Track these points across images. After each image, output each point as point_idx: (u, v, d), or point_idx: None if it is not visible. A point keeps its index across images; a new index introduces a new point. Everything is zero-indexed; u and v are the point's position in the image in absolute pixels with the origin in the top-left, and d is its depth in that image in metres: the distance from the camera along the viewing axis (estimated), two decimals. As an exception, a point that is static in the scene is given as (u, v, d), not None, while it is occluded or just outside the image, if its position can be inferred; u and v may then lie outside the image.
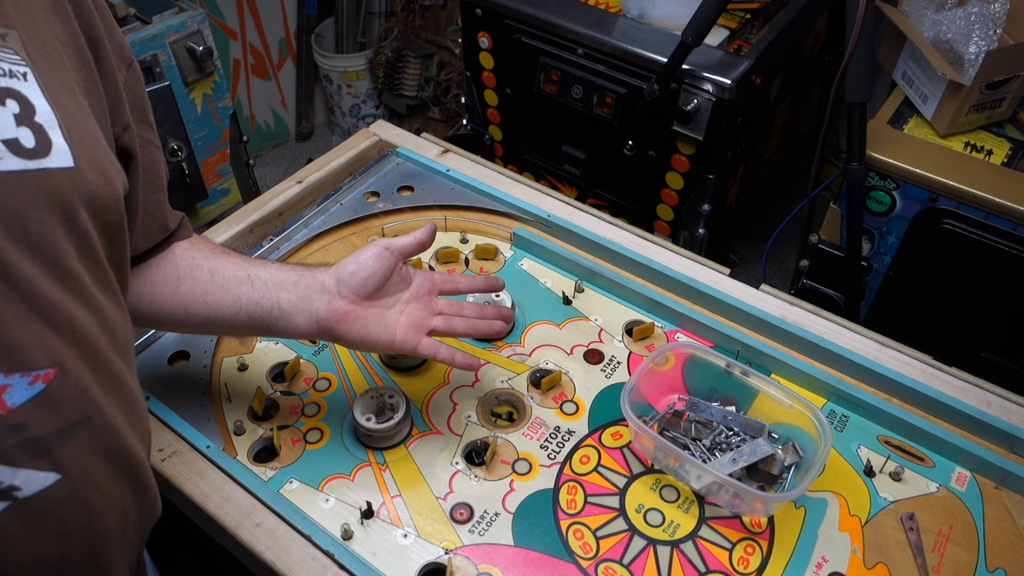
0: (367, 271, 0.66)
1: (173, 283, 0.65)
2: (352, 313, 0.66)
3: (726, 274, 0.89)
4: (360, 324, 0.66)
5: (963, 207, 1.16)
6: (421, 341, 0.68)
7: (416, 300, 0.70)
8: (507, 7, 1.50)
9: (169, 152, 1.38)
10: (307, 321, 0.66)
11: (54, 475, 0.42)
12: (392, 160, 1.08)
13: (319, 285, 0.66)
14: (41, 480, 0.42)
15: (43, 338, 0.42)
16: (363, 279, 0.66)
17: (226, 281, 0.66)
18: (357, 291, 0.66)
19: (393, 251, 0.68)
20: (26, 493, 0.41)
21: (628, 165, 1.53)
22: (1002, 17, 1.17)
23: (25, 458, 0.41)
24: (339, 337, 0.67)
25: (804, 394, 0.79)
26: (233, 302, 0.66)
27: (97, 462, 0.46)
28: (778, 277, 2.02)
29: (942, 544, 0.68)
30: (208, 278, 0.66)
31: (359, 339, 0.67)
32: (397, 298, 0.69)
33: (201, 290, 0.66)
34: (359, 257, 0.67)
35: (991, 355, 1.29)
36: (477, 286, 0.75)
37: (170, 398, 0.77)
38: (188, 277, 0.66)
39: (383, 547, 0.67)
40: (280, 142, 2.61)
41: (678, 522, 0.69)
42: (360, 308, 0.67)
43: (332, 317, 0.66)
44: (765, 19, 1.47)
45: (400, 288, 0.70)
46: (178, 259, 0.67)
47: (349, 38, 2.39)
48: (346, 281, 0.66)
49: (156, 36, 1.31)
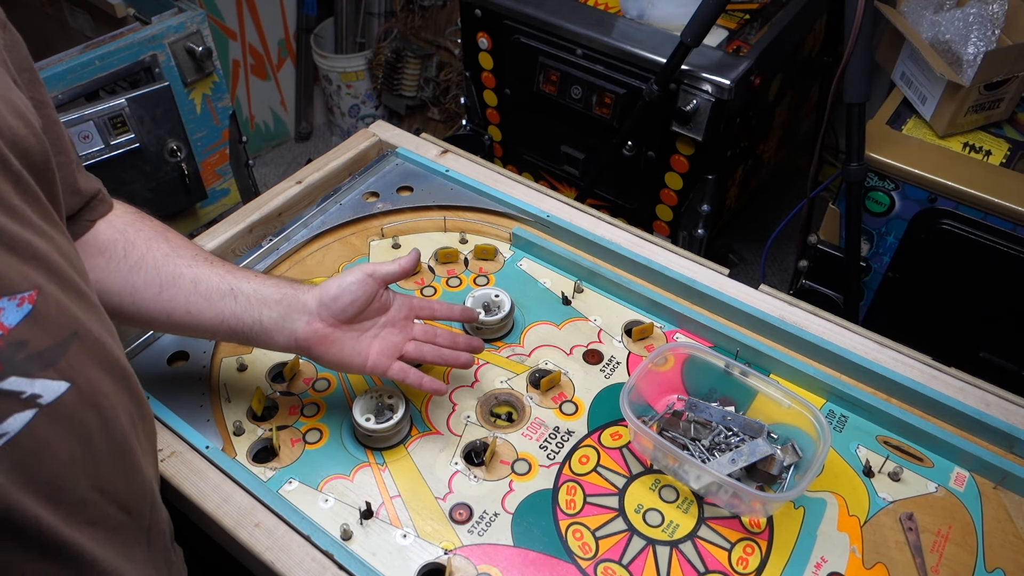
0: (349, 297, 0.69)
1: (155, 289, 0.67)
2: (330, 336, 0.69)
3: (725, 274, 0.89)
4: (336, 347, 0.70)
5: (962, 207, 1.16)
6: (392, 366, 0.71)
7: (392, 325, 0.73)
8: (506, 8, 1.50)
9: (168, 152, 1.38)
10: (286, 339, 0.69)
11: (64, 383, 0.45)
12: (391, 160, 1.08)
13: (300, 305, 0.69)
14: (55, 388, 0.45)
15: (16, 266, 0.45)
16: (344, 305, 0.69)
17: (209, 293, 0.67)
18: (337, 316, 0.69)
19: (376, 278, 0.71)
20: (47, 400, 0.44)
21: (627, 165, 1.53)
22: (1000, 18, 1.17)
23: (36, 369, 0.44)
24: (315, 357, 0.70)
25: (803, 394, 0.79)
26: (215, 315, 0.67)
27: (96, 371, 0.49)
28: (777, 277, 2.02)
29: (941, 544, 0.68)
30: (191, 288, 0.67)
31: (334, 361, 0.70)
32: (374, 322, 0.72)
33: (184, 300, 0.67)
34: (343, 282, 0.69)
35: (990, 355, 1.29)
36: (453, 315, 0.78)
37: (169, 398, 0.77)
38: (170, 285, 0.67)
39: (382, 547, 0.67)
40: (279, 142, 2.61)
41: (677, 522, 0.69)
42: (338, 332, 0.70)
43: (311, 339, 0.68)
44: (764, 20, 1.47)
45: (378, 313, 0.72)
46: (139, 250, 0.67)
47: (348, 38, 2.39)
48: (328, 305, 0.69)
49: (155, 36, 1.31)
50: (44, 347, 0.45)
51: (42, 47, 1.68)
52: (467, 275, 0.93)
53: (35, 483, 0.45)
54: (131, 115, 1.28)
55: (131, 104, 1.27)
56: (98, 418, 0.49)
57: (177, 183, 1.43)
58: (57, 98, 1.24)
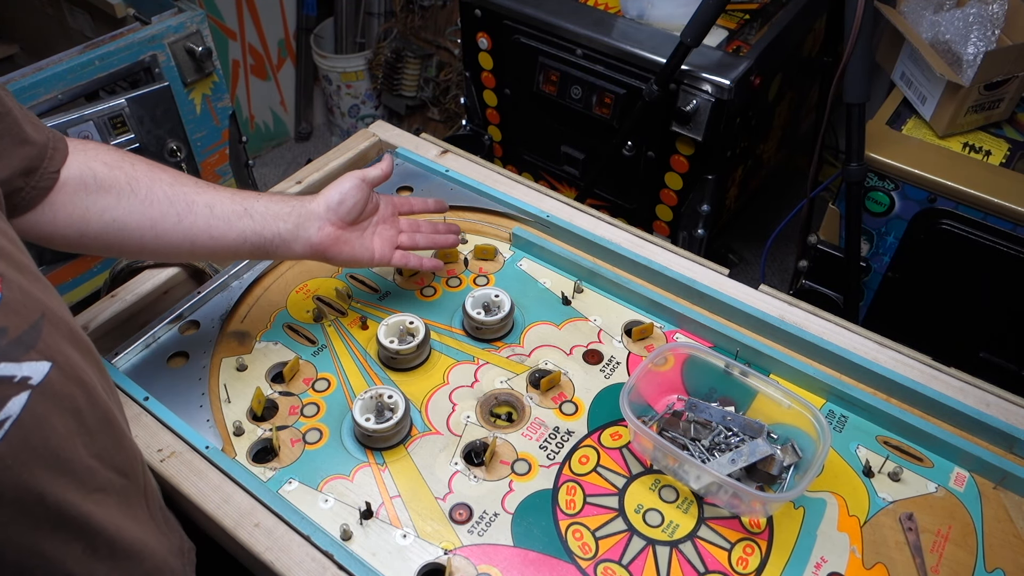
0: (352, 200, 0.78)
1: (174, 219, 0.70)
2: (341, 237, 0.78)
3: (725, 274, 0.89)
4: (348, 247, 0.79)
5: (961, 207, 1.16)
6: (394, 255, 0.83)
7: (384, 222, 0.84)
8: (506, 8, 1.50)
9: (168, 152, 1.38)
10: (303, 246, 0.76)
11: (46, 363, 0.47)
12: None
13: (310, 213, 0.76)
14: (41, 368, 0.47)
15: None
16: (349, 207, 0.78)
17: (226, 215, 0.72)
18: (343, 218, 0.78)
19: (367, 182, 0.80)
20: (36, 380, 0.46)
21: (627, 166, 1.53)
22: (1000, 18, 1.17)
23: (20, 353, 0.46)
24: (330, 258, 0.79)
25: (803, 394, 0.79)
26: (238, 235, 0.73)
27: (67, 347, 0.51)
28: (777, 277, 2.02)
29: (941, 544, 0.68)
30: (208, 213, 0.71)
31: (347, 259, 0.79)
32: (369, 221, 0.82)
33: (204, 224, 0.71)
34: (342, 188, 0.78)
35: (990, 355, 1.29)
36: (428, 207, 0.89)
37: (169, 399, 0.77)
38: (188, 213, 0.71)
39: (382, 547, 0.67)
40: (279, 143, 2.61)
41: (677, 522, 0.69)
42: (346, 232, 0.79)
43: (325, 241, 0.77)
44: (764, 20, 1.47)
45: (371, 213, 0.82)
46: (144, 184, 0.69)
47: (348, 38, 2.39)
48: (335, 210, 0.77)
49: (155, 36, 1.31)
50: (21, 331, 0.47)
51: (42, 47, 1.68)
52: (467, 275, 0.93)
53: (44, 459, 0.47)
54: (131, 115, 1.28)
55: (131, 104, 1.27)
56: (82, 391, 0.51)
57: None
58: (57, 98, 1.24)
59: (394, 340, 0.81)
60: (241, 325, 0.87)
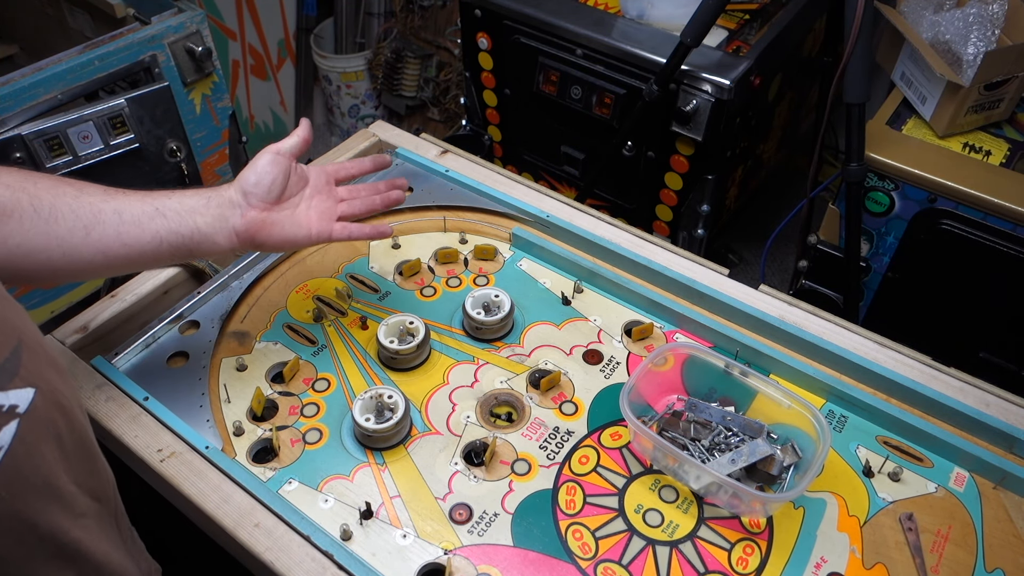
0: (269, 177, 0.71)
1: (81, 233, 0.65)
2: (268, 219, 0.72)
3: (725, 274, 0.89)
4: (278, 228, 0.72)
5: (961, 208, 1.16)
6: (334, 228, 0.76)
7: (318, 193, 0.77)
8: (506, 8, 1.50)
9: (168, 153, 1.38)
10: (227, 238, 0.70)
11: (30, 389, 0.46)
12: (391, 160, 1.08)
13: (227, 201, 0.71)
14: (26, 396, 0.46)
15: None
16: (267, 186, 0.71)
17: (137, 219, 0.67)
18: (264, 198, 0.71)
19: (284, 154, 0.73)
20: (23, 408, 0.45)
21: (627, 166, 1.53)
22: (1000, 18, 1.17)
23: (6, 381, 0.45)
24: (260, 244, 0.72)
25: (803, 394, 0.79)
26: (152, 237, 0.67)
27: (48, 371, 0.49)
28: (777, 277, 2.02)
29: (940, 544, 0.68)
30: (117, 220, 0.66)
31: (279, 242, 0.73)
32: (301, 196, 0.75)
33: (114, 233, 0.66)
34: (256, 167, 0.72)
35: (990, 355, 1.29)
36: (364, 167, 0.83)
37: (169, 399, 0.77)
38: (96, 224, 0.65)
39: (382, 548, 0.67)
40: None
41: (677, 522, 0.69)
42: (273, 214, 0.72)
43: (251, 228, 0.71)
44: (764, 20, 1.47)
45: (300, 187, 0.75)
46: (46, 201, 0.64)
47: (348, 39, 2.39)
48: (253, 192, 0.71)
49: (155, 36, 1.31)
50: (3, 359, 0.45)
51: (42, 47, 1.68)
52: (467, 275, 0.93)
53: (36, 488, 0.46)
54: (131, 115, 1.28)
55: (131, 104, 1.27)
56: (62, 416, 0.50)
57: (177, 183, 1.43)
58: (57, 98, 1.24)
59: (394, 340, 0.81)
60: (241, 325, 0.87)
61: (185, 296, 0.88)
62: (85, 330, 0.83)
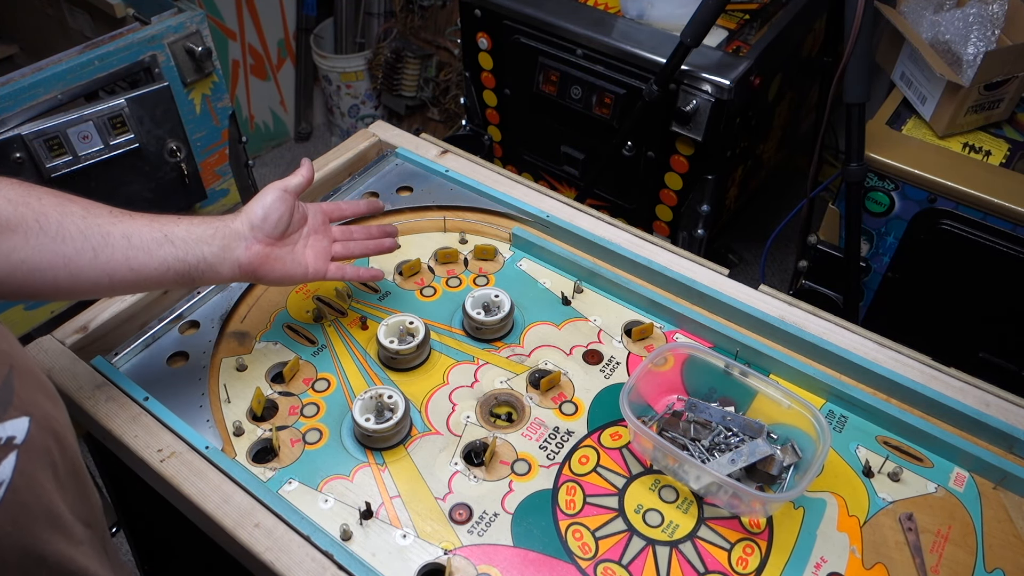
0: (276, 214, 0.74)
1: (89, 254, 0.65)
2: (270, 255, 0.74)
3: (725, 275, 0.89)
4: (279, 264, 0.75)
5: (961, 208, 1.16)
6: (329, 268, 0.79)
7: (316, 232, 0.80)
8: (506, 8, 1.50)
9: (168, 152, 1.38)
10: (230, 269, 0.72)
11: (25, 418, 0.46)
12: (391, 161, 1.08)
13: (234, 233, 0.72)
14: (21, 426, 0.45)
15: None
16: (274, 222, 0.74)
17: (145, 245, 0.68)
18: (269, 234, 0.74)
19: (290, 192, 0.76)
20: (20, 439, 0.45)
21: (627, 166, 1.53)
22: (1000, 18, 1.17)
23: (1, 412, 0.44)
24: (260, 277, 0.75)
25: (803, 394, 0.79)
26: (159, 264, 0.68)
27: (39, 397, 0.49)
28: (777, 278, 2.02)
29: (940, 544, 0.68)
30: (125, 244, 0.67)
31: (279, 277, 0.76)
32: (300, 233, 0.78)
33: (123, 256, 0.66)
34: (264, 202, 0.74)
35: (990, 355, 1.29)
36: (360, 209, 0.87)
37: (169, 399, 0.77)
38: (104, 246, 0.66)
39: (382, 548, 0.67)
40: (279, 143, 2.61)
41: (677, 522, 0.69)
42: (275, 249, 0.75)
43: (254, 261, 0.73)
44: (764, 20, 1.47)
45: (300, 225, 0.78)
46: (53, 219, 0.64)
47: (348, 39, 2.39)
48: (260, 227, 0.73)
49: (155, 37, 1.31)
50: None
51: (42, 47, 1.68)
52: (467, 275, 0.93)
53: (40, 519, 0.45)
54: (131, 115, 1.28)
55: (131, 104, 1.27)
56: (55, 443, 0.49)
57: (176, 183, 1.43)
58: (57, 98, 1.24)
59: (394, 340, 0.81)
60: (241, 325, 0.87)
61: (185, 296, 0.88)
62: (85, 330, 0.83)
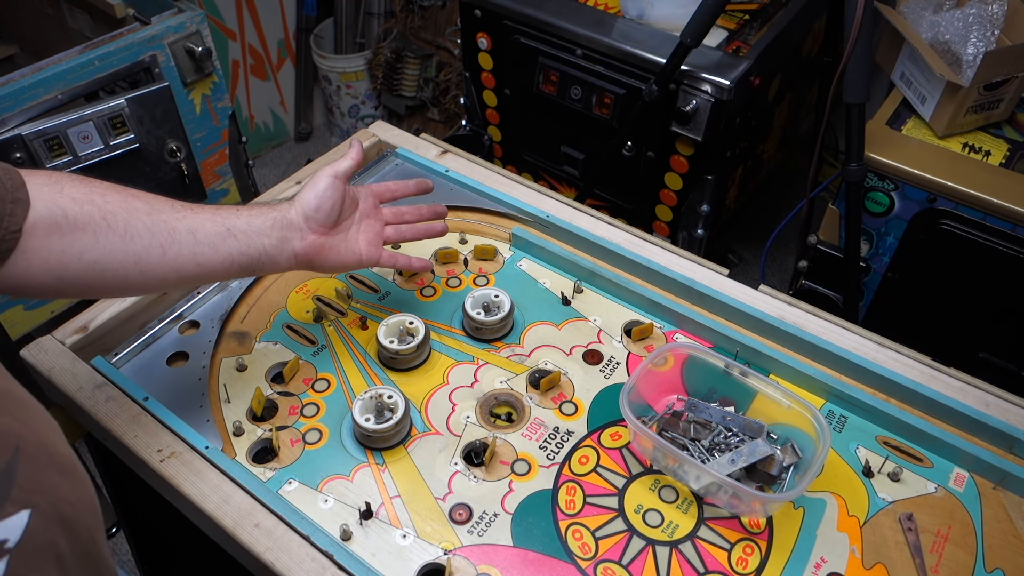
0: (329, 203, 0.74)
1: (158, 252, 0.66)
2: (325, 244, 0.75)
3: (725, 275, 0.89)
4: (333, 252, 0.76)
5: (961, 208, 1.16)
6: (382, 255, 0.80)
7: (367, 217, 0.80)
8: (506, 8, 1.50)
9: (168, 153, 1.38)
10: (287, 259, 0.74)
11: (24, 511, 0.40)
12: (391, 161, 1.08)
13: (290, 224, 0.73)
14: (18, 524, 0.40)
15: None
16: (327, 211, 0.74)
17: (210, 240, 0.69)
18: (324, 223, 0.74)
19: (340, 177, 0.76)
20: (13, 542, 0.40)
21: (627, 166, 1.53)
22: (1000, 18, 1.17)
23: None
24: (316, 266, 0.76)
25: (803, 394, 0.79)
26: (224, 258, 0.69)
27: (48, 476, 0.43)
28: (777, 278, 2.02)
29: (940, 544, 0.68)
30: (192, 240, 0.67)
31: (333, 265, 0.77)
32: (352, 219, 0.78)
33: (190, 252, 0.67)
34: (317, 190, 0.74)
35: (990, 355, 1.29)
36: (408, 190, 0.85)
37: (168, 399, 0.77)
38: (172, 243, 0.66)
39: (382, 548, 0.67)
40: (279, 143, 2.61)
41: (677, 522, 0.69)
42: (329, 239, 0.75)
43: (309, 251, 0.74)
44: (764, 20, 1.47)
45: (352, 210, 0.78)
46: (120, 217, 0.64)
47: (348, 39, 2.39)
48: (313, 217, 0.74)
49: (155, 37, 1.31)
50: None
51: (42, 47, 1.68)
52: (467, 275, 0.93)
53: None
54: (131, 115, 1.28)
55: (131, 104, 1.27)
56: (64, 531, 0.43)
57: (177, 183, 1.43)
58: (57, 98, 1.24)
59: (394, 340, 0.81)
60: (241, 325, 0.87)
61: (185, 296, 0.88)
62: (85, 330, 0.83)
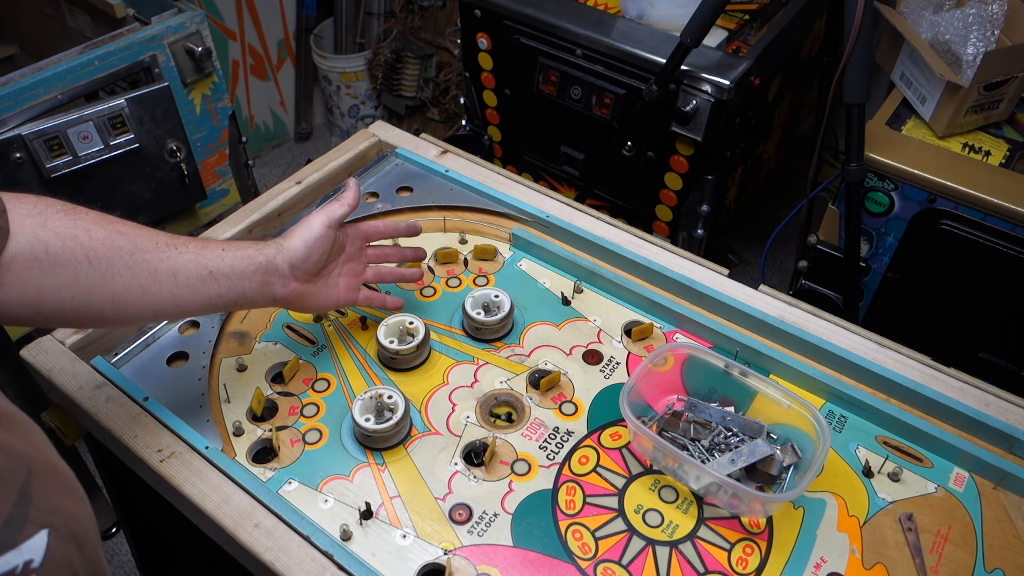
0: (317, 254, 0.75)
1: (137, 292, 0.66)
2: (306, 292, 0.76)
3: (725, 275, 0.89)
4: (312, 299, 0.77)
5: (961, 208, 1.16)
6: (358, 297, 0.82)
7: (350, 260, 0.81)
8: (506, 8, 1.50)
9: (168, 153, 1.38)
10: (266, 301, 0.75)
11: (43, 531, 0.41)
12: (391, 161, 1.08)
13: (274, 270, 0.73)
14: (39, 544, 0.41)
15: None
16: (314, 263, 0.75)
17: (190, 282, 0.69)
18: (309, 272, 0.75)
19: (333, 226, 0.76)
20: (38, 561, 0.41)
21: (627, 166, 1.53)
22: (1000, 18, 1.17)
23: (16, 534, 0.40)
24: (294, 308, 0.78)
25: (803, 394, 0.79)
26: (203, 299, 0.70)
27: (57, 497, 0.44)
28: (777, 278, 2.02)
29: (940, 544, 0.68)
30: (172, 281, 0.68)
31: (311, 309, 0.79)
32: (336, 263, 0.80)
33: (169, 294, 0.68)
34: (308, 239, 0.74)
35: (990, 355, 1.29)
36: (399, 230, 0.85)
37: (169, 399, 0.77)
38: (151, 284, 0.66)
39: (382, 548, 0.67)
40: (279, 143, 2.61)
41: (677, 522, 0.69)
42: (311, 286, 0.77)
43: (290, 297, 0.75)
44: (764, 20, 1.47)
45: (338, 254, 0.79)
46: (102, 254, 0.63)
47: (348, 39, 2.39)
48: (300, 267, 0.74)
49: (155, 37, 1.31)
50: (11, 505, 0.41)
51: (42, 47, 1.68)
52: (467, 275, 0.93)
53: None
54: (131, 115, 1.28)
55: (131, 104, 1.27)
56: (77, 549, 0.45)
57: (176, 183, 1.43)
58: (57, 98, 1.24)
59: (394, 340, 0.81)
60: (241, 325, 0.87)
61: (185, 296, 0.88)
62: (85, 330, 0.83)
